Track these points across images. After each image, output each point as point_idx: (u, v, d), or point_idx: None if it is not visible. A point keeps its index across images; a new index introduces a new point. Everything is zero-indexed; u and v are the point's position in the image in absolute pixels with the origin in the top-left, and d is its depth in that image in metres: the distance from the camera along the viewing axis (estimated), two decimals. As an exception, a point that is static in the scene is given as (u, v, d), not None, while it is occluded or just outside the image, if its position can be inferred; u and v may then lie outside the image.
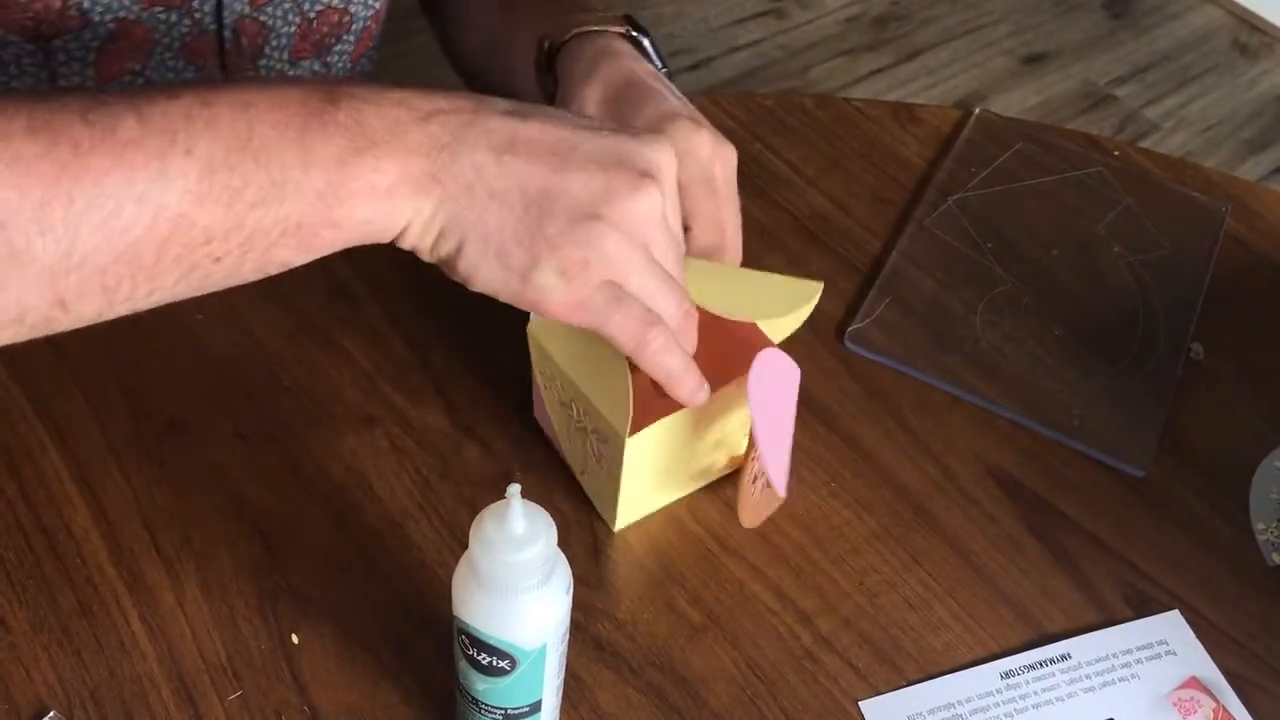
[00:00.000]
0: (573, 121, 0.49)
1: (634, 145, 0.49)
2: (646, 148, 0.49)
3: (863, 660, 0.56)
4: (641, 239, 0.49)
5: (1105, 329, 0.72)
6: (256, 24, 0.71)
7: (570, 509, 0.60)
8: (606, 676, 0.55)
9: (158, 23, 0.67)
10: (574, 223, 0.47)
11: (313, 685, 0.53)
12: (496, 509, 0.44)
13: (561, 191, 0.47)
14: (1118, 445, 0.66)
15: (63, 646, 0.53)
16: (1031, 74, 2.09)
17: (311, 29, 0.74)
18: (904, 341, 0.70)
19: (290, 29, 0.73)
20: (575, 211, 0.47)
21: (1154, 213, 0.80)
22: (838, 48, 2.10)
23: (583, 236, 0.47)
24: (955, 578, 0.60)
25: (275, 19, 0.72)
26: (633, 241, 0.49)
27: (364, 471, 0.61)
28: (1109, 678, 0.57)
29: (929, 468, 0.64)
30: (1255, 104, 2.08)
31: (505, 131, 0.47)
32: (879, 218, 0.77)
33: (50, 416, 0.61)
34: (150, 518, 0.58)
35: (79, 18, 0.65)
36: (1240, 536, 0.63)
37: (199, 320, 0.66)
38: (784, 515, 0.61)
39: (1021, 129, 0.84)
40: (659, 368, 0.51)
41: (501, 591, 0.44)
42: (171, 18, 0.68)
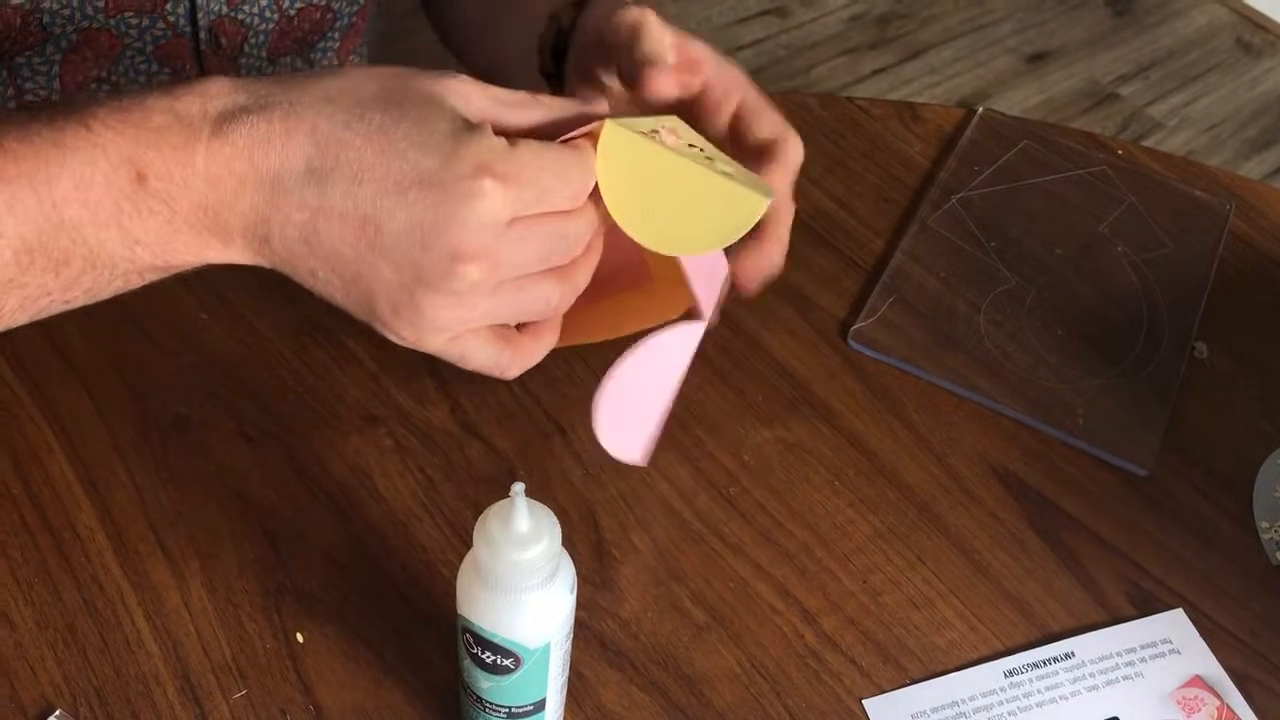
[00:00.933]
0: (379, 173, 0.43)
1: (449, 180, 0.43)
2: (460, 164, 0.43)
3: (866, 659, 0.56)
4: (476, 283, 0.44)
5: (1109, 328, 0.72)
6: (235, 23, 0.70)
7: (574, 507, 0.60)
8: (610, 675, 0.55)
9: (127, 28, 0.67)
10: (395, 309, 0.45)
11: (317, 684, 0.53)
12: (501, 508, 0.44)
13: (375, 277, 0.44)
14: (1121, 444, 0.66)
15: (68, 645, 0.54)
16: (1035, 72, 2.09)
17: (292, 26, 0.73)
18: (907, 340, 0.70)
19: (268, 26, 0.72)
20: (393, 297, 0.45)
21: (1157, 211, 0.80)
22: (841, 46, 2.10)
23: (410, 317, 0.45)
24: (959, 576, 0.60)
25: (252, 16, 0.71)
26: (463, 301, 0.45)
27: (368, 471, 0.61)
28: (1113, 676, 0.57)
29: (933, 467, 0.64)
30: (1259, 102, 2.08)
31: (305, 215, 0.44)
32: (882, 217, 0.77)
33: (56, 416, 0.62)
34: (155, 517, 0.58)
35: (40, 32, 0.64)
36: (1244, 535, 0.63)
37: (203, 320, 0.66)
38: (788, 514, 0.61)
39: (1025, 128, 0.84)
40: None
41: (506, 590, 0.44)
42: (143, 22, 0.67)
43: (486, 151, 0.43)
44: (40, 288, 0.45)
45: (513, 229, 0.44)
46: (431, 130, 0.43)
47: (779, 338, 0.69)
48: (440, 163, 0.43)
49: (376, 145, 0.43)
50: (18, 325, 0.46)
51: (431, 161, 0.43)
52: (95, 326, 0.65)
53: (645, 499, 0.61)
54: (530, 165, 0.44)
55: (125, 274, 0.45)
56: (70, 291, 0.45)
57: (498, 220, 0.43)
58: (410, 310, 0.45)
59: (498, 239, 0.44)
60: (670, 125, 0.52)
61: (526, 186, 0.44)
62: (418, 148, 0.43)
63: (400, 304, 0.45)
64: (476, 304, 0.45)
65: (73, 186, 0.43)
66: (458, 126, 0.44)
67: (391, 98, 0.44)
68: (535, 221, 0.45)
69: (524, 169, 0.44)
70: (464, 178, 0.43)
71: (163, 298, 0.67)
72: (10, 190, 0.42)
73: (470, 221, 0.43)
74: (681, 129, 0.52)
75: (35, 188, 0.43)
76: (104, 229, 0.44)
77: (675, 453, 0.63)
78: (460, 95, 0.45)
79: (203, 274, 0.68)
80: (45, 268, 0.44)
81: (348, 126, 0.43)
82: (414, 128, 0.43)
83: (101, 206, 0.43)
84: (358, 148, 0.43)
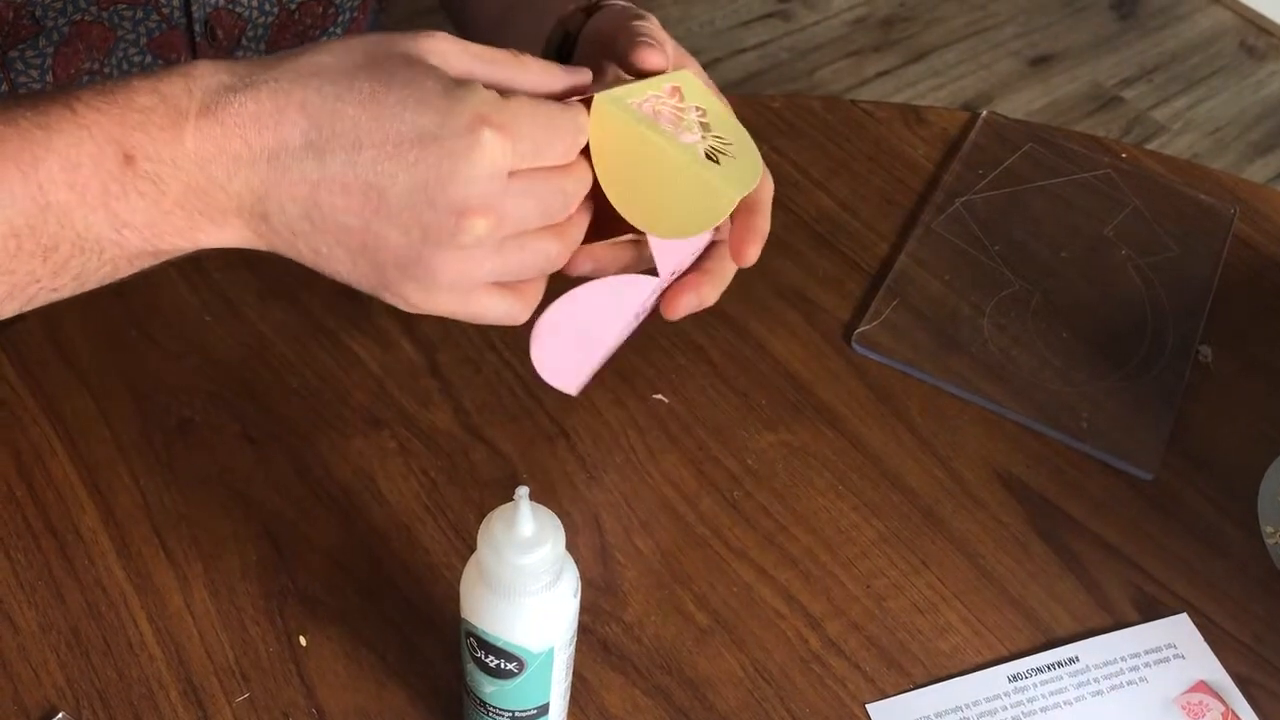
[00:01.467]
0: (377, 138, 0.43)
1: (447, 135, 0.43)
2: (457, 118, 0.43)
3: (870, 663, 0.56)
4: (481, 237, 0.45)
5: (1113, 331, 0.72)
6: (231, 15, 0.70)
7: (578, 511, 0.60)
8: (614, 679, 0.55)
9: (121, 20, 0.67)
10: (405, 272, 0.45)
11: (320, 687, 0.53)
12: (505, 511, 0.44)
13: (382, 244, 0.45)
14: (1126, 448, 0.66)
15: (71, 648, 0.54)
16: (1038, 75, 2.09)
17: (293, 20, 0.73)
18: (911, 344, 0.70)
19: (267, 19, 0.72)
20: (402, 261, 0.45)
21: (1162, 215, 0.79)
22: (844, 49, 2.10)
23: (421, 278, 0.45)
24: (963, 581, 0.60)
25: (250, 9, 0.71)
26: (471, 256, 0.45)
27: (371, 473, 0.61)
28: (1117, 681, 0.57)
29: (937, 470, 0.64)
30: (1263, 106, 2.08)
31: (306, 189, 0.44)
32: (886, 220, 0.77)
33: (59, 418, 0.62)
34: (158, 519, 0.58)
35: (32, 25, 0.64)
36: (1249, 540, 0.63)
37: (207, 322, 0.66)
38: (791, 518, 0.61)
39: (1029, 131, 0.84)
40: None
41: (509, 594, 0.44)
42: (136, 14, 0.67)
43: (481, 103, 0.44)
44: (29, 275, 0.44)
45: (514, 183, 0.45)
46: (423, 89, 0.44)
47: (782, 341, 0.69)
48: (437, 119, 0.43)
49: (370, 112, 0.43)
50: (6, 316, 0.46)
51: (428, 119, 0.43)
52: (99, 328, 0.65)
53: (649, 502, 0.61)
54: (524, 116, 0.45)
55: (114, 259, 0.45)
56: (58, 278, 0.45)
57: (499, 171, 0.44)
58: (421, 270, 0.45)
59: (501, 192, 0.44)
60: (678, 82, 0.52)
61: (523, 138, 0.44)
62: (413, 108, 0.43)
63: (410, 266, 0.45)
64: (483, 260, 0.46)
65: (59, 168, 0.42)
66: (447, 83, 0.44)
67: (376, 64, 0.44)
68: (534, 176, 0.46)
69: (518, 119, 0.44)
70: (462, 131, 0.43)
71: (167, 300, 0.67)
72: None
73: (474, 174, 0.43)
74: (689, 87, 0.53)
75: (21, 169, 0.42)
76: (91, 212, 0.43)
77: (679, 456, 0.63)
78: (439, 54, 0.46)
79: (207, 276, 0.68)
80: (33, 253, 0.44)
81: (339, 98, 0.44)
82: (405, 89, 0.44)
83: (89, 189, 0.43)
84: (352, 116, 0.43)
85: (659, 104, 0.51)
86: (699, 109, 0.53)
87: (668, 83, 0.52)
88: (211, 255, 0.69)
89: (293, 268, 0.68)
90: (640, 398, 0.65)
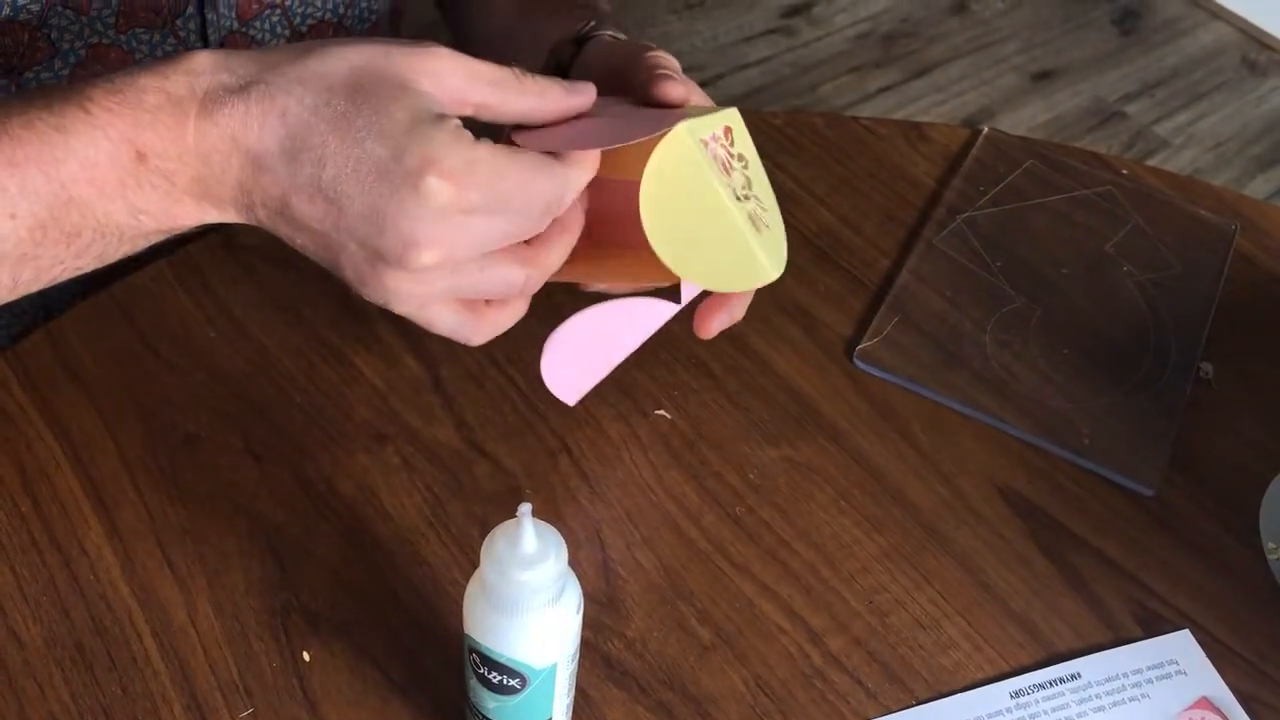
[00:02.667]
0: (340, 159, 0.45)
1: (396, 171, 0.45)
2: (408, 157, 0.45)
3: (872, 679, 0.56)
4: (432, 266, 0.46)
5: (1115, 348, 0.72)
6: (246, 39, 0.71)
7: (580, 526, 0.61)
8: (616, 695, 0.55)
9: (138, 44, 0.68)
10: (360, 279, 0.48)
11: (323, 703, 0.53)
12: (508, 528, 0.44)
13: (341, 249, 0.47)
14: (1127, 464, 0.66)
15: (75, 663, 0.54)
16: (1040, 91, 2.09)
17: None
18: (913, 360, 0.70)
19: (278, 42, 0.73)
20: (358, 269, 0.47)
21: (1163, 231, 0.80)
22: (846, 65, 2.11)
23: (375, 286, 0.48)
24: (965, 597, 0.60)
25: (263, 33, 0.72)
26: (422, 278, 0.47)
27: (375, 489, 0.61)
28: (1119, 697, 0.57)
29: (939, 486, 0.64)
30: (1265, 121, 2.08)
31: (279, 190, 0.47)
32: (888, 236, 0.77)
33: (65, 433, 0.62)
34: (163, 534, 0.58)
35: (48, 47, 0.65)
36: (1251, 556, 0.63)
37: (212, 338, 0.67)
38: (794, 533, 0.61)
39: (1030, 148, 0.85)
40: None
41: (512, 610, 0.44)
42: (154, 38, 0.68)
43: (437, 146, 0.45)
44: (53, 259, 0.48)
45: (469, 217, 0.46)
46: (388, 119, 0.45)
47: (785, 357, 0.69)
48: (391, 153, 0.45)
49: (338, 132, 0.45)
50: (31, 292, 0.49)
51: (383, 151, 0.45)
52: (104, 344, 0.66)
53: (651, 518, 0.61)
54: (483, 167, 0.46)
55: (132, 239, 0.49)
56: (81, 259, 0.49)
57: (445, 211, 0.45)
58: (374, 281, 0.48)
59: (451, 228, 0.46)
60: (730, 122, 0.53)
61: (473, 187, 0.45)
62: (374, 136, 0.45)
63: (364, 275, 0.48)
64: (436, 280, 0.48)
65: (79, 167, 0.46)
66: (417, 117, 0.45)
67: (359, 83, 0.46)
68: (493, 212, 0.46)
69: (474, 169, 0.45)
70: (410, 171, 0.45)
71: (172, 316, 0.67)
72: (21, 174, 0.45)
73: (418, 214, 0.45)
74: (737, 129, 0.53)
75: (44, 170, 0.46)
76: (110, 202, 0.47)
77: (681, 471, 0.63)
78: (432, 74, 0.47)
79: (212, 292, 0.69)
80: (58, 240, 0.47)
81: (315, 112, 0.46)
82: (373, 116, 0.45)
83: (107, 183, 0.46)
84: (322, 133, 0.45)
85: (718, 147, 0.52)
86: (743, 158, 0.53)
87: (723, 121, 0.53)
88: (217, 272, 0.69)
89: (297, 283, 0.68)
90: (643, 413, 0.66)
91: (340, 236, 0.47)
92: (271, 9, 0.71)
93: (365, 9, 0.76)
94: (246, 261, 0.70)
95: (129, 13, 0.66)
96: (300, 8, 0.72)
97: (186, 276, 0.69)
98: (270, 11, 0.71)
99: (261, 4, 0.70)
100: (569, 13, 0.64)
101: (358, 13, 0.76)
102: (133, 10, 0.66)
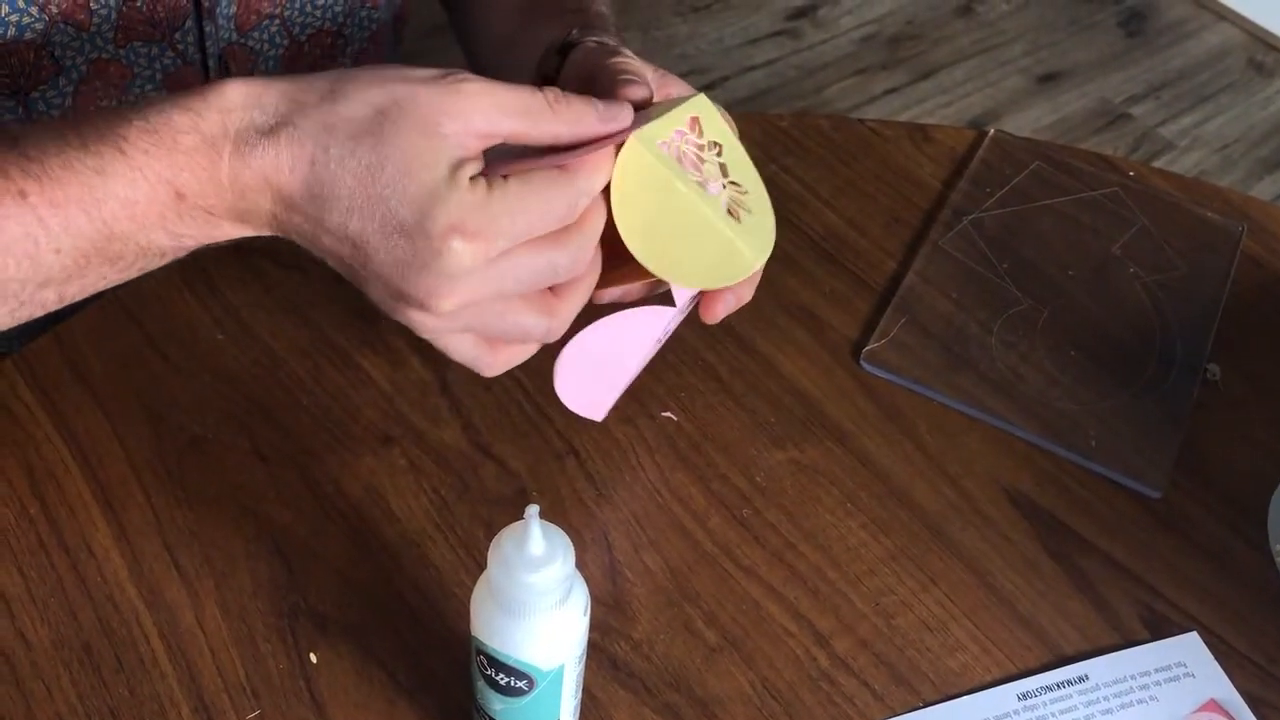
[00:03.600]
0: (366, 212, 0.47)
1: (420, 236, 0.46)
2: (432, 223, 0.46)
3: (879, 682, 0.56)
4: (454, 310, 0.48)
5: (1121, 349, 0.72)
6: (244, 50, 0.71)
7: (587, 529, 0.61)
8: (623, 697, 0.55)
9: (137, 57, 0.68)
10: (384, 310, 0.50)
11: (330, 704, 0.53)
12: (515, 530, 0.44)
13: (366, 284, 0.49)
14: (1134, 466, 0.66)
15: (83, 664, 0.54)
16: (1046, 93, 2.09)
17: (302, 52, 0.74)
18: (920, 362, 0.70)
19: (277, 52, 0.73)
20: (382, 303, 0.49)
21: (1169, 233, 0.80)
22: (852, 67, 2.10)
23: (398, 318, 0.50)
24: (972, 599, 0.60)
25: (261, 43, 0.72)
26: (445, 318, 0.48)
27: (382, 491, 0.61)
28: (1127, 700, 0.57)
29: (945, 488, 0.64)
30: (1271, 122, 2.08)
31: (309, 227, 0.48)
32: (894, 238, 0.77)
33: (73, 436, 0.62)
34: (170, 536, 0.59)
35: (52, 65, 0.65)
36: (1258, 557, 0.63)
37: (220, 340, 0.67)
38: (800, 535, 0.61)
39: (1036, 149, 0.85)
40: None
41: (519, 612, 0.44)
42: (152, 51, 0.68)
43: (457, 210, 0.46)
44: (98, 276, 0.50)
45: (494, 264, 0.47)
46: (413, 180, 0.46)
47: (791, 359, 0.69)
48: (415, 219, 0.46)
49: (364, 186, 0.47)
50: (75, 300, 0.52)
51: (408, 215, 0.46)
52: (112, 347, 0.66)
53: (657, 520, 0.61)
54: (503, 216, 0.47)
55: (175, 254, 0.51)
56: (125, 274, 0.51)
57: (469, 272, 0.47)
58: (399, 313, 0.49)
59: (476, 280, 0.47)
60: (696, 111, 0.52)
61: (499, 236, 0.47)
62: (398, 197, 0.46)
63: (389, 307, 0.49)
64: (457, 320, 0.49)
65: (120, 206, 0.48)
66: (439, 177, 0.46)
67: (384, 132, 0.47)
68: (519, 252, 0.48)
69: (496, 221, 0.47)
70: (434, 237, 0.46)
71: (180, 318, 0.68)
72: (64, 214, 0.47)
73: (442, 273, 0.47)
74: (707, 115, 0.53)
75: (86, 210, 0.48)
76: (152, 231, 0.49)
77: (688, 474, 0.63)
78: (457, 115, 0.47)
79: (220, 295, 0.69)
80: (102, 263, 0.49)
81: (340, 164, 0.47)
82: (397, 176, 0.46)
83: (148, 218, 0.48)
84: (349, 185, 0.47)
85: (683, 143, 0.51)
86: (716, 145, 0.53)
87: (688, 113, 0.52)
88: (224, 275, 0.70)
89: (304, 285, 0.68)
90: (649, 415, 0.66)
91: (364, 274, 0.48)
92: (270, 19, 0.71)
93: (365, 18, 0.76)
94: (254, 264, 0.70)
95: (128, 26, 0.66)
96: (299, 17, 0.72)
97: (194, 279, 0.69)
98: (269, 22, 0.71)
99: (260, 14, 0.70)
100: (560, 19, 0.64)
101: (358, 21, 0.75)
102: (131, 24, 0.66)
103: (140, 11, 0.66)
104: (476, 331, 0.50)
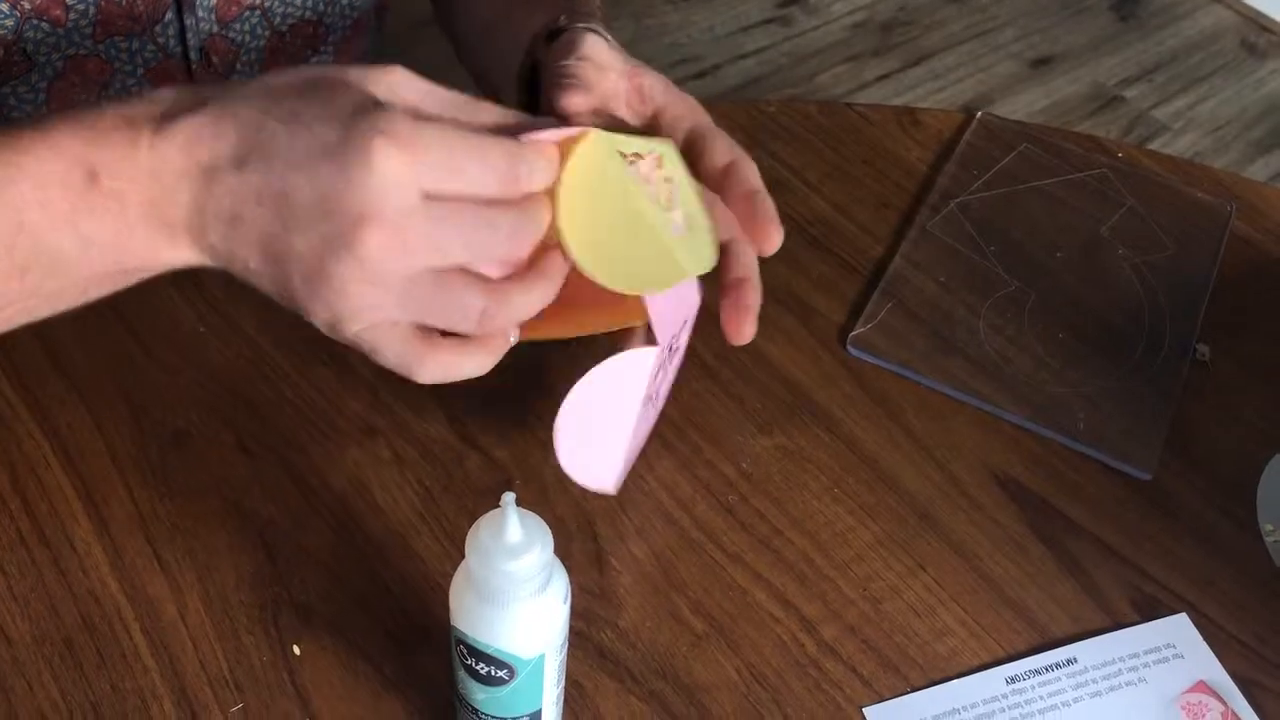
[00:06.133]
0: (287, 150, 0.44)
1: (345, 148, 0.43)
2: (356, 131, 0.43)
3: (867, 667, 0.56)
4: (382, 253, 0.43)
5: (1110, 331, 0.72)
6: (226, 41, 0.71)
7: (571, 517, 0.60)
8: (609, 685, 0.54)
9: (117, 53, 0.67)
10: (309, 284, 0.45)
11: (315, 697, 0.53)
12: (491, 517, 0.43)
13: (289, 252, 0.44)
14: (1123, 448, 0.66)
15: (65, 659, 0.54)
16: (1039, 77, 2.09)
17: (284, 43, 0.73)
18: (907, 346, 0.69)
19: (259, 43, 0.72)
20: (305, 270, 0.44)
21: (1158, 214, 0.79)
22: (844, 54, 2.10)
23: (324, 292, 0.45)
24: (960, 583, 0.59)
25: (243, 34, 0.71)
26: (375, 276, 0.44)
27: (366, 483, 0.61)
28: (1116, 682, 0.56)
29: (933, 472, 0.64)
30: (1264, 104, 2.07)
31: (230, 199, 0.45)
32: (881, 222, 0.77)
33: (54, 430, 0.62)
34: (153, 530, 0.58)
35: (24, 61, 0.65)
36: (1248, 539, 0.63)
37: (201, 333, 0.66)
38: (787, 522, 0.61)
39: (1024, 131, 0.84)
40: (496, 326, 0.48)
41: (498, 600, 0.44)
42: (132, 45, 0.67)
43: (385, 120, 0.43)
44: (3, 296, 0.47)
45: (427, 204, 0.44)
46: (336, 105, 0.44)
47: (778, 344, 0.69)
48: (340, 132, 0.43)
49: (288, 125, 0.44)
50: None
51: (332, 132, 0.43)
52: (94, 340, 0.65)
53: (643, 508, 0.61)
54: (437, 138, 0.44)
55: (85, 280, 0.48)
56: (32, 299, 0.47)
57: (399, 182, 0.43)
58: (322, 284, 0.44)
59: (406, 208, 0.43)
60: (661, 150, 0.52)
61: (429, 151, 0.43)
62: (322, 120, 0.44)
63: (312, 276, 0.44)
64: (388, 281, 0.44)
65: (30, 188, 0.45)
66: (363, 102, 0.44)
67: (314, 84, 0.45)
68: (457, 203, 0.44)
69: (424, 136, 0.43)
70: (358, 144, 0.43)
71: (162, 312, 0.67)
72: None
73: (367, 183, 0.43)
74: (669, 158, 0.52)
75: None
76: (60, 233, 0.45)
77: (673, 460, 0.63)
78: (387, 87, 0.46)
79: (202, 287, 0.68)
80: (9, 274, 0.46)
81: (266, 111, 0.44)
82: (322, 106, 0.44)
83: (58, 209, 0.45)
84: (271, 129, 0.44)
85: (642, 165, 0.50)
86: (669, 180, 0.52)
87: (653, 148, 0.51)
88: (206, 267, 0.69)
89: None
90: (635, 403, 0.65)
91: (287, 236, 0.44)
92: (251, 10, 0.70)
93: (346, 6, 0.75)
94: (235, 256, 0.69)
95: (106, 21, 0.65)
96: (280, 7, 0.72)
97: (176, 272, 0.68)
98: (249, 13, 0.70)
99: (240, 5, 0.70)
100: (548, 5, 0.63)
101: (338, 10, 0.75)
102: (110, 19, 0.65)
103: (119, 6, 0.65)
104: (409, 314, 0.46)
